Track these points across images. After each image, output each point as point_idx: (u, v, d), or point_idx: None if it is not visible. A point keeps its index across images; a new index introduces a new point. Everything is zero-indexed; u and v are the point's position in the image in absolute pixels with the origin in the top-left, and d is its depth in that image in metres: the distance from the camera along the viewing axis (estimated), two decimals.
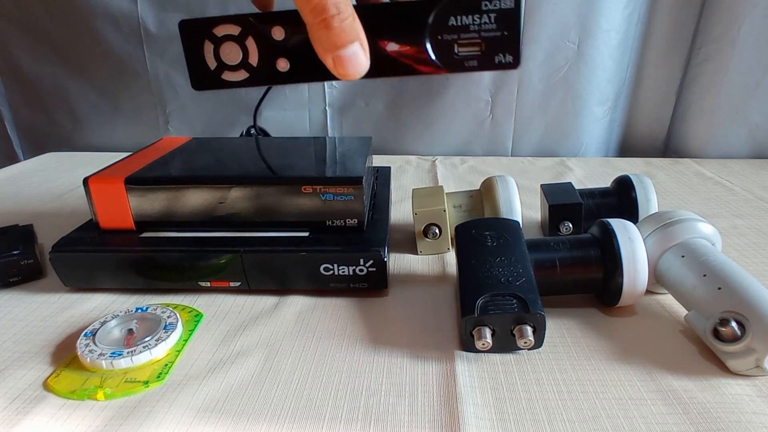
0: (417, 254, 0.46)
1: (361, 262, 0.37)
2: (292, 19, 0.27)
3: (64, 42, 0.80)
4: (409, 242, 0.48)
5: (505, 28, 0.27)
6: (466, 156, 0.79)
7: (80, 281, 0.40)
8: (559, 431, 0.26)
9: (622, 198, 0.46)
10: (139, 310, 0.35)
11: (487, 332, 0.30)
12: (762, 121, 0.72)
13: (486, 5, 0.26)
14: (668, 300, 0.37)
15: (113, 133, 0.86)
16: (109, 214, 0.40)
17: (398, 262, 0.44)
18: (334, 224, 0.39)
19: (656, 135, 0.80)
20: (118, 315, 0.35)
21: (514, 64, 0.27)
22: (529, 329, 0.30)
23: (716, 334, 0.30)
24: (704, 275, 0.32)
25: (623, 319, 0.35)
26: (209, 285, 0.39)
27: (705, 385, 0.29)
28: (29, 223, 0.48)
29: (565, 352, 0.32)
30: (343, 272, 0.37)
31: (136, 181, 0.39)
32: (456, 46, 0.27)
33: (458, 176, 0.69)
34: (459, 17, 0.27)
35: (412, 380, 0.30)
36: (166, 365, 0.31)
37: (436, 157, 0.78)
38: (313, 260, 0.37)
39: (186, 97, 0.81)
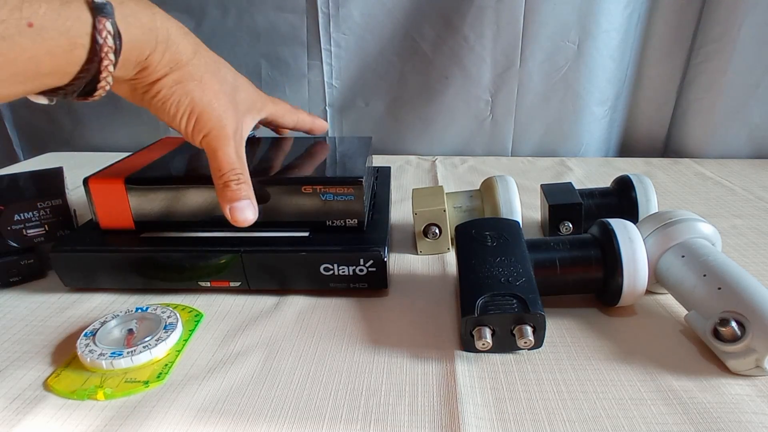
0: (417, 254, 0.46)
1: (361, 262, 0.37)
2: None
3: None
4: (409, 242, 0.48)
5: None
6: (466, 156, 0.79)
7: (80, 281, 0.40)
8: (559, 431, 0.26)
9: (622, 198, 0.46)
10: (139, 310, 0.35)
11: (487, 332, 0.30)
12: (762, 121, 0.72)
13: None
14: (668, 300, 0.37)
15: (113, 133, 0.86)
16: (109, 214, 0.40)
17: (398, 262, 0.44)
18: (334, 224, 0.39)
19: (656, 135, 0.80)
20: (118, 315, 0.35)
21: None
22: (529, 329, 0.30)
23: (716, 334, 0.30)
24: (704, 275, 0.32)
25: (623, 319, 0.35)
26: (209, 285, 0.39)
27: (705, 385, 0.29)
28: None
29: (565, 352, 0.32)
30: (343, 272, 0.37)
31: (136, 181, 0.39)
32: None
33: (458, 176, 0.69)
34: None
35: (412, 380, 0.30)
36: (166, 365, 0.31)
37: (436, 157, 0.78)
38: (313, 260, 0.37)
39: None
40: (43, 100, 0.29)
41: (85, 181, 0.39)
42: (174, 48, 0.32)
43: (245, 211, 0.34)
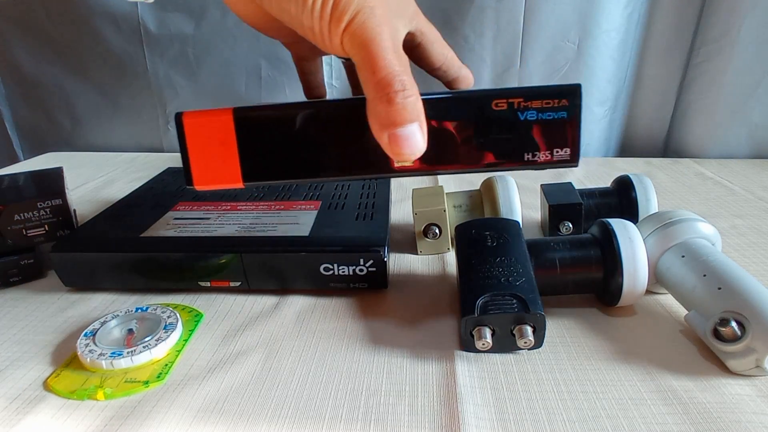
0: (417, 254, 0.46)
1: (361, 262, 0.37)
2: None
3: (64, 42, 0.80)
4: (409, 242, 0.48)
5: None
6: None
7: (80, 281, 0.40)
8: (559, 431, 0.26)
9: (622, 198, 0.46)
10: (139, 310, 0.35)
11: (487, 332, 0.30)
12: (762, 121, 0.72)
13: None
14: (668, 300, 0.37)
15: (113, 133, 0.86)
16: (209, 164, 0.29)
17: (398, 262, 0.44)
18: (536, 158, 0.28)
19: (656, 135, 0.80)
20: (118, 315, 0.35)
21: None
22: (529, 329, 0.30)
23: (716, 334, 0.30)
24: (704, 275, 0.32)
25: (623, 319, 0.35)
26: (209, 285, 0.39)
27: (705, 385, 0.29)
28: None
29: (565, 352, 0.32)
30: (343, 272, 0.37)
31: (251, 110, 0.28)
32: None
33: (458, 176, 0.69)
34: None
35: (412, 380, 0.30)
36: (166, 365, 0.31)
37: None
38: (313, 260, 0.37)
39: (186, 97, 0.81)
40: None
41: (179, 117, 0.28)
42: None
43: (413, 139, 0.24)
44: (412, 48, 0.32)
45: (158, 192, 0.51)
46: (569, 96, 0.27)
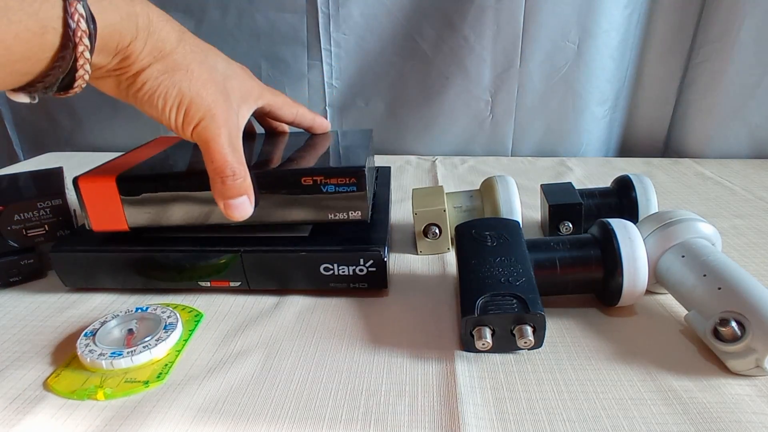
0: (417, 254, 0.46)
1: (361, 262, 0.37)
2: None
3: None
4: (409, 242, 0.48)
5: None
6: (466, 156, 0.79)
7: (80, 281, 0.40)
8: (559, 431, 0.26)
9: (622, 198, 0.46)
10: (139, 310, 0.35)
11: (487, 332, 0.30)
12: (762, 121, 0.72)
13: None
14: (668, 300, 0.37)
15: (113, 133, 0.86)
16: (101, 215, 0.38)
17: (398, 262, 0.44)
18: (337, 217, 0.37)
19: (656, 135, 0.80)
20: (118, 315, 0.35)
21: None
22: (529, 329, 0.30)
23: (716, 334, 0.30)
24: (704, 275, 0.32)
25: (623, 319, 0.35)
26: (209, 285, 0.39)
27: (705, 385, 0.29)
28: None
29: (565, 352, 0.32)
30: (343, 272, 0.37)
31: (129, 179, 0.37)
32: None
33: (458, 176, 0.69)
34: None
35: (412, 380, 0.30)
36: (166, 365, 0.31)
37: (436, 157, 0.78)
38: (313, 260, 0.37)
39: None
40: (23, 99, 0.27)
41: (75, 181, 0.37)
42: (156, 35, 0.30)
43: (241, 207, 0.34)
44: (265, 113, 0.44)
45: None
46: (356, 176, 0.36)
